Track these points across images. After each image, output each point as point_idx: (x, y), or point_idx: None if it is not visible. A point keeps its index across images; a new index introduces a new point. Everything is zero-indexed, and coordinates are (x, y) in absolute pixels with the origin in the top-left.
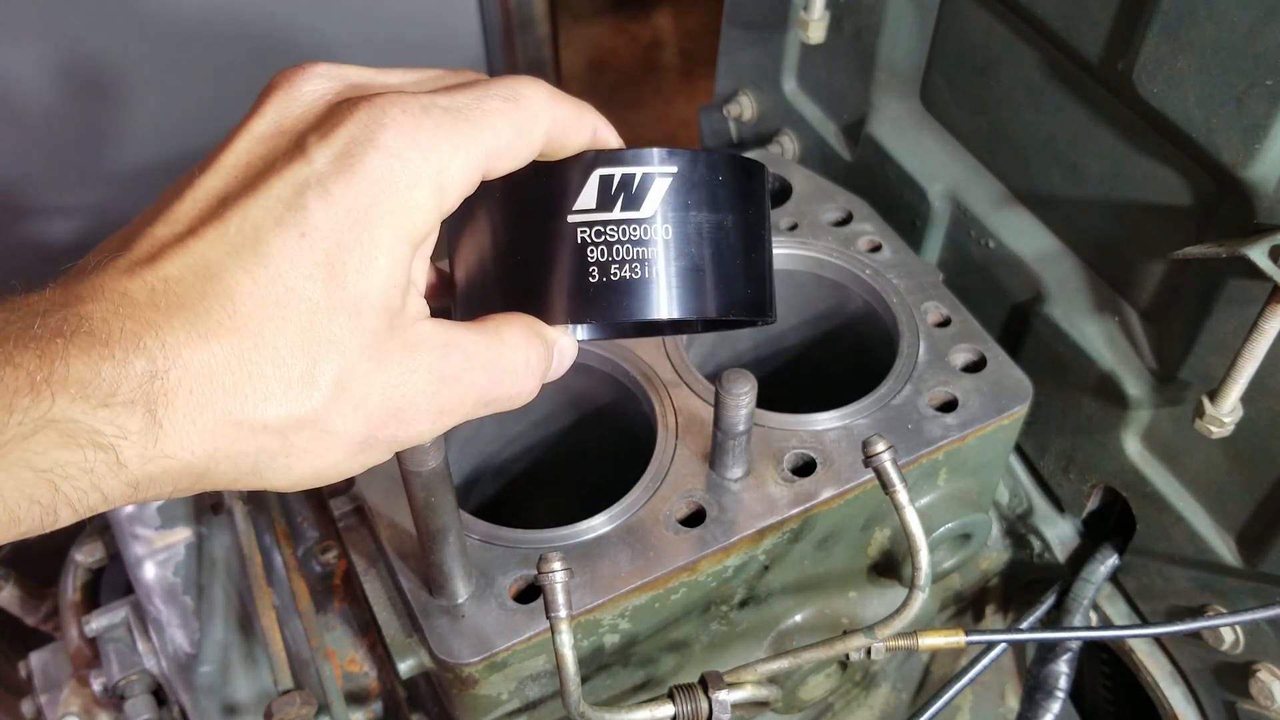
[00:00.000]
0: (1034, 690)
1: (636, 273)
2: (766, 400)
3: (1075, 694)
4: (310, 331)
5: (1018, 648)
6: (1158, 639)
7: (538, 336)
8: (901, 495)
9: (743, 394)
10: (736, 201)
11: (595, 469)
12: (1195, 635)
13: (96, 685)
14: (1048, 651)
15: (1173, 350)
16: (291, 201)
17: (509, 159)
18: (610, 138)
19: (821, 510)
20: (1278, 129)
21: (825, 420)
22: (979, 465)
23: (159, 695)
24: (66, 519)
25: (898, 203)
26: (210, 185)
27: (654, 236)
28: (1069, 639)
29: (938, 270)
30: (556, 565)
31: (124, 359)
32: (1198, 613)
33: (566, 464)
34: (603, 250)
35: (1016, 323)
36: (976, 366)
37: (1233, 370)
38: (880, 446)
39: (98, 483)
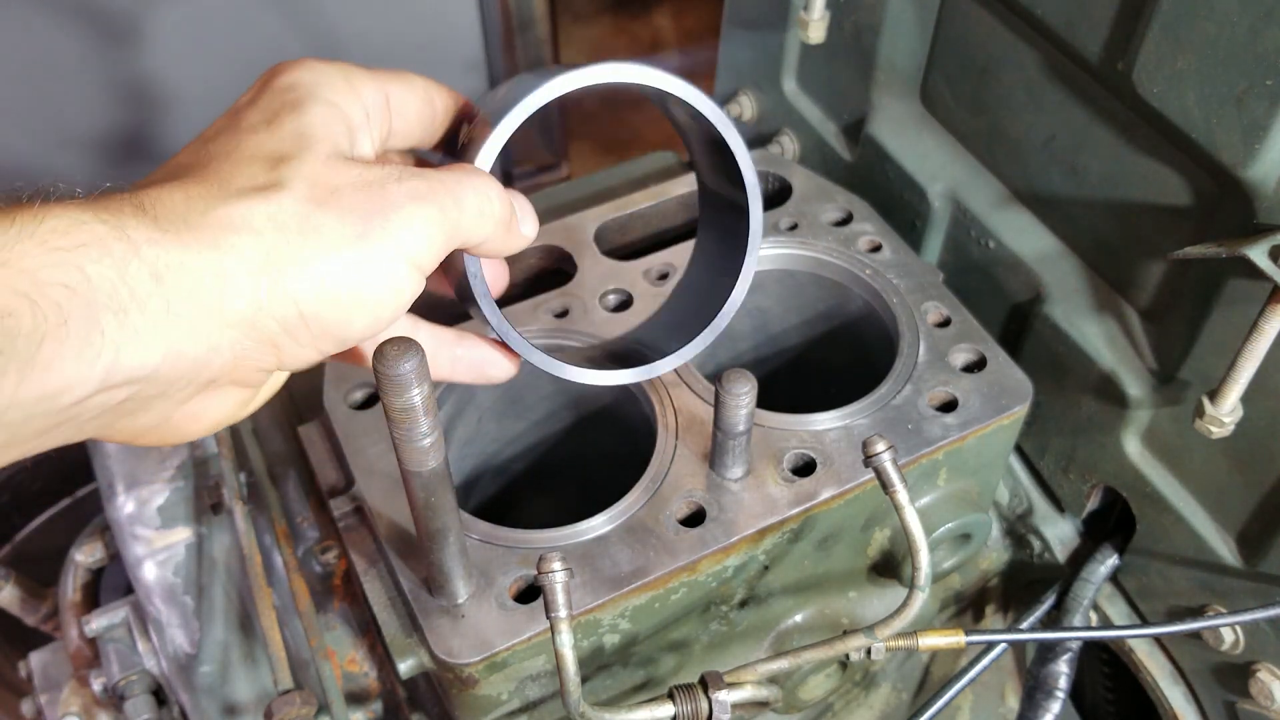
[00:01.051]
0: (1034, 690)
1: None
2: (766, 400)
3: (1075, 694)
4: (263, 157)
5: (1018, 648)
6: (1158, 639)
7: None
8: (901, 495)
9: (743, 394)
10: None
11: (595, 469)
12: (1195, 635)
13: (96, 685)
14: (1048, 651)
15: (1173, 350)
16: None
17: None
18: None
19: (821, 510)
20: (1278, 129)
21: (825, 420)
22: (979, 465)
23: (159, 695)
24: (111, 326)
25: (898, 203)
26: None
27: None
28: (1069, 639)
29: (938, 270)
30: (556, 565)
31: (124, 200)
32: (1198, 613)
33: (566, 464)
34: None
35: (1016, 323)
36: (976, 366)
37: (1233, 370)
38: (880, 446)
39: (119, 266)
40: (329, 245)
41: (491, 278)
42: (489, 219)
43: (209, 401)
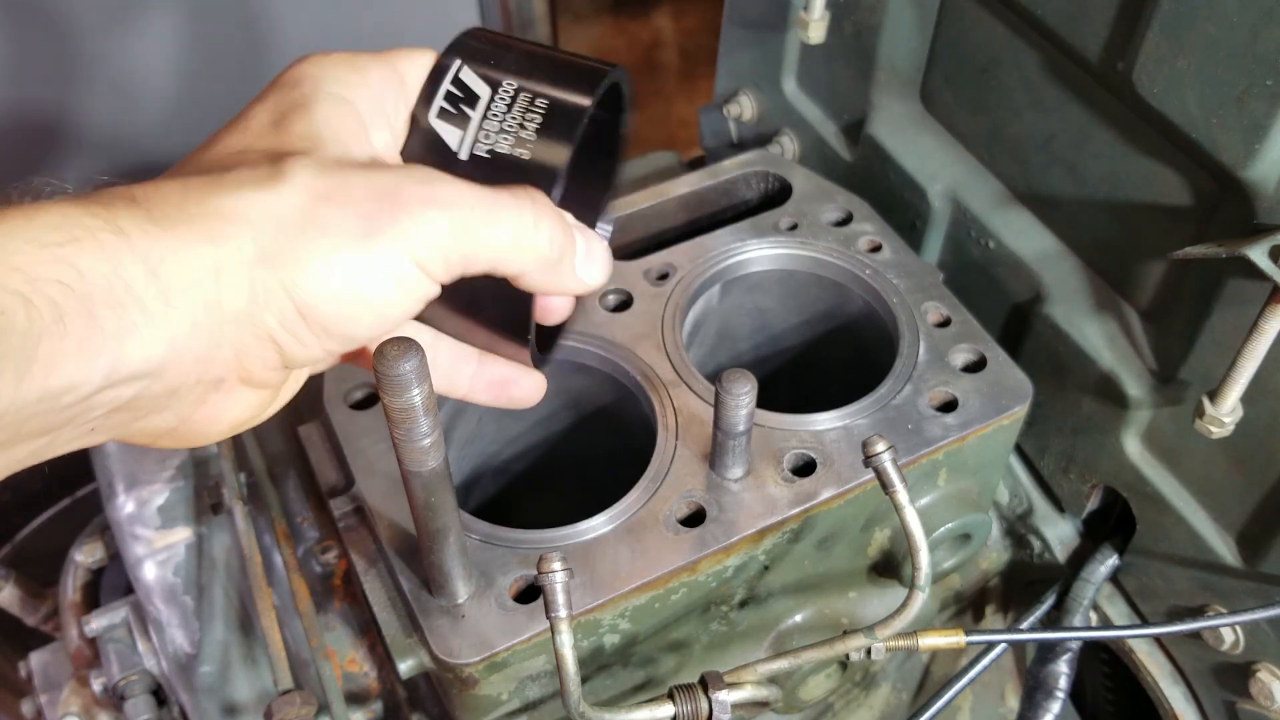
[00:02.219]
0: (1034, 690)
1: (538, 117)
2: (766, 400)
3: (1075, 694)
4: (269, 153)
5: (1018, 648)
6: (1158, 639)
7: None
8: (901, 495)
9: (743, 394)
10: (503, 46)
11: (595, 469)
12: (1195, 635)
13: (96, 685)
14: (1048, 651)
15: (1173, 350)
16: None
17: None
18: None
19: (821, 510)
20: (1278, 129)
21: (825, 420)
22: (979, 465)
23: (159, 695)
24: (109, 318)
25: (898, 203)
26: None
27: (507, 94)
28: (1069, 639)
29: (938, 270)
30: (556, 565)
31: (117, 194)
32: (1198, 613)
33: (566, 464)
34: (504, 137)
35: (1016, 323)
36: (976, 366)
37: (1233, 370)
38: (880, 446)
39: (112, 258)
40: (330, 242)
41: (542, 305)
42: (528, 251)
43: (226, 402)
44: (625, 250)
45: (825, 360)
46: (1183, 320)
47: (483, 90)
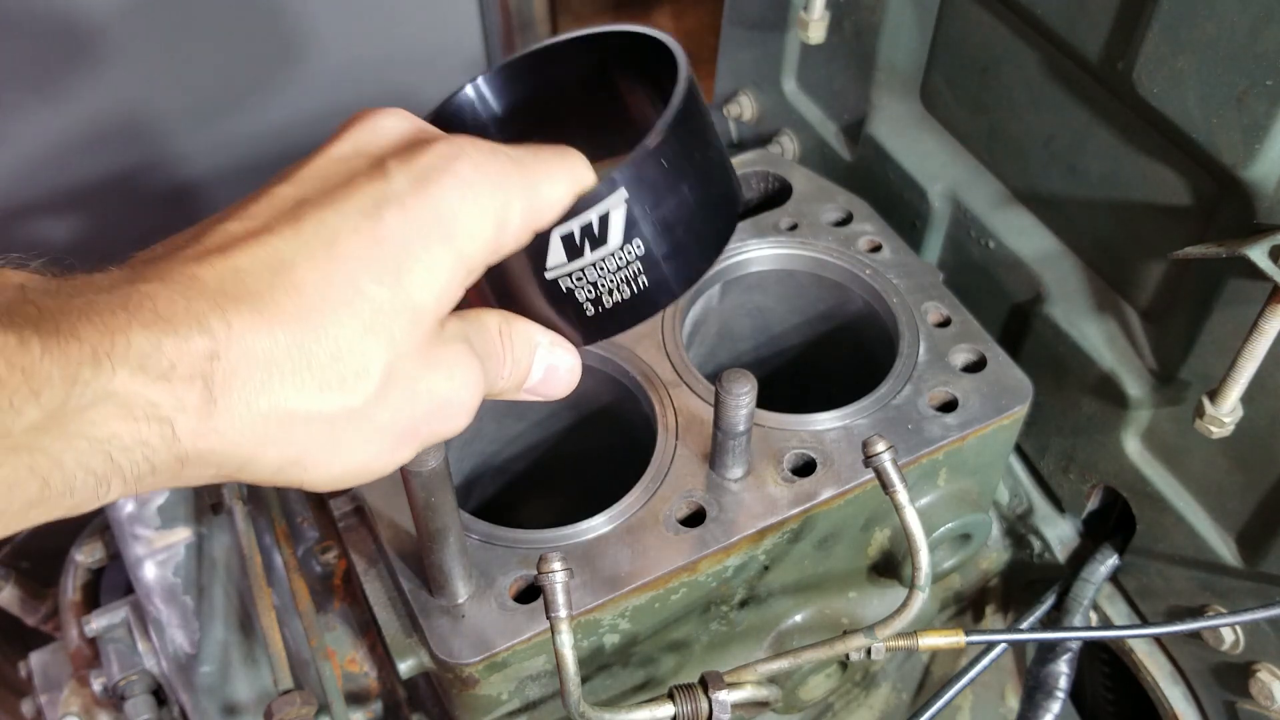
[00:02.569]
0: (1034, 690)
1: (627, 291)
2: (766, 400)
3: (1075, 694)
4: (372, 329)
5: (1018, 648)
6: (1158, 639)
7: (506, 322)
8: (901, 495)
9: (743, 394)
10: (685, 160)
11: (595, 469)
12: (1195, 635)
13: (96, 685)
14: (1048, 651)
15: (1173, 350)
16: (369, 212)
17: (555, 209)
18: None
19: (821, 510)
20: (1278, 129)
21: (825, 420)
22: (979, 465)
23: (159, 695)
24: (117, 492)
25: (898, 203)
26: (288, 193)
27: (631, 254)
28: (1069, 639)
29: (938, 270)
30: (556, 565)
31: (186, 335)
32: (1198, 613)
33: (566, 464)
34: (589, 289)
35: (1016, 323)
36: (976, 366)
37: (1233, 370)
38: (880, 446)
39: (150, 455)
40: (376, 438)
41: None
42: (508, 381)
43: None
44: None
45: (825, 360)
46: (1183, 320)
47: (614, 240)
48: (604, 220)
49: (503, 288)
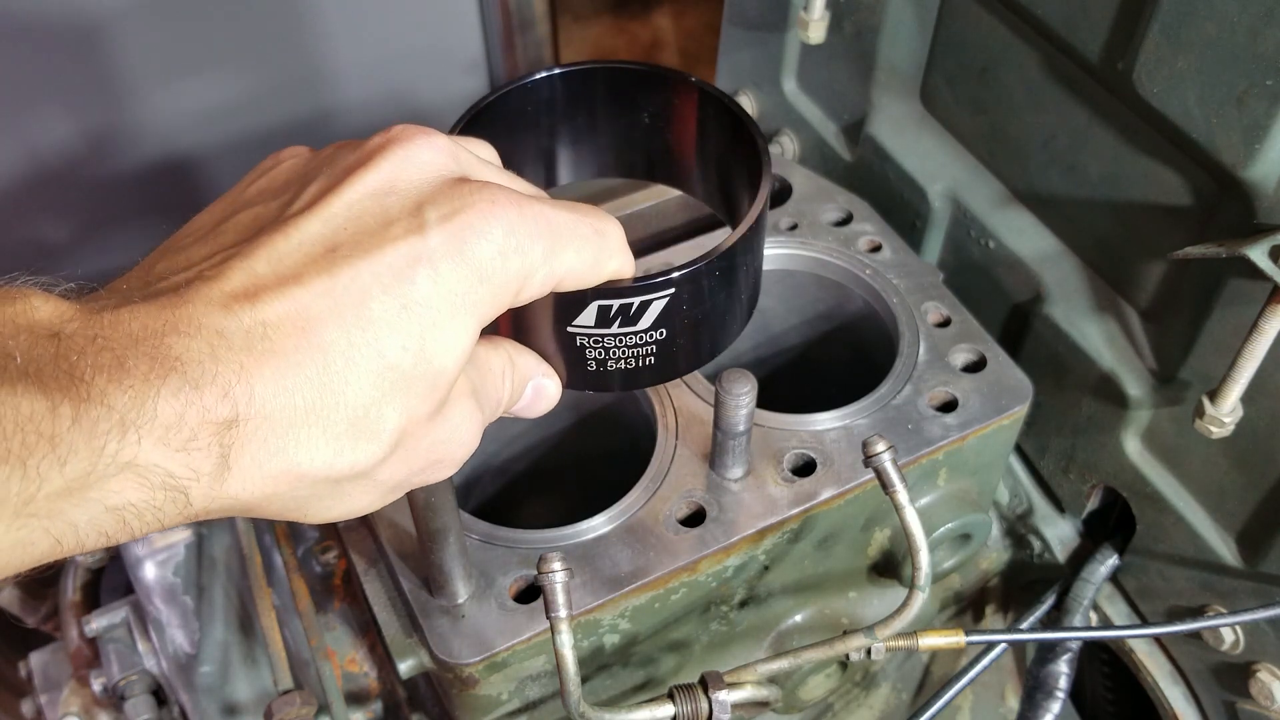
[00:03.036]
0: (1034, 690)
1: (633, 364)
2: (766, 400)
3: (1075, 694)
4: (391, 396)
5: (1018, 648)
6: (1158, 639)
7: (516, 367)
8: (901, 495)
9: (743, 394)
10: (735, 271)
11: (595, 469)
12: (1195, 635)
13: (96, 685)
14: (1048, 651)
15: (1173, 350)
16: (402, 273)
17: (575, 283)
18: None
19: (821, 510)
20: (1278, 129)
21: (825, 420)
22: (979, 465)
23: (159, 695)
24: (121, 539)
25: (898, 203)
26: (317, 231)
27: (652, 337)
28: (1069, 639)
29: (938, 270)
30: (556, 565)
31: (210, 405)
32: (1198, 613)
33: (566, 464)
34: (600, 351)
35: (1016, 323)
36: (976, 366)
37: (1233, 370)
38: (880, 446)
39: (160, 516)
40: (376, 489)
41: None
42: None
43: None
44: None
45: (825, 360)
46: (1183, 320)
47: (644, 324)
48: (644, 305)
49: (519, 318)
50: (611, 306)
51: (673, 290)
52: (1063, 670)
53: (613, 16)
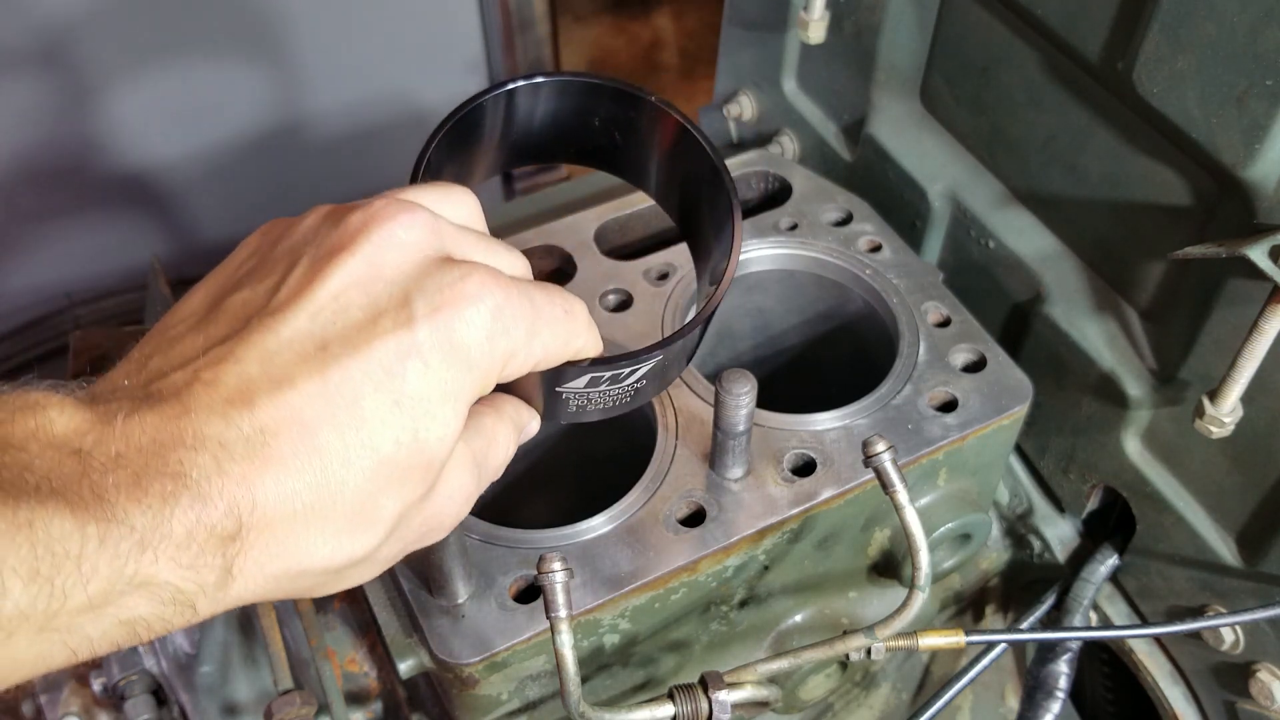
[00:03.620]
0: (1034, 690)
1: (610, 406)
2: (766, 400)
3: (1075, 694)
4: (387, 488)
5: (1018, 648)
6: (1158, 639)
7: (511, 424)
8: (901, 495)
9: (743, 394)
10: (705, 328)
11: (595, 469)
12: (1195, 635)
13: (96, 685)
14: (1048, 651)
15: (1173, 350)
16: (393, 369)
17: (549, 361)
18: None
19: (821, 510)
20: (1278, 129)
21: (825, 420)
22: (979, 465)
23: (159, 695)
24: (129, 645)
25: (898, 203)
26: (305, 328)
27: (630, 387)
28: (1069, 639)
29: (938, 270)
30: (556, 565)
31: (217, 521)
32: (1198, 613)
33: (566, 464)
34: (583, 400)
35: (1016, 323)
36: (976, 366)
37: (1233, 370)
38: (880, 446)
39: (167, 625)
40: (373, 568)
41: None
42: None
43: None
44: (625, 250)
45: (825, 360)
46: (1183, 320)
47: (628, 382)
48: (634, 370)
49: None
50: (604, 376)
51: (660, 355)
52: (1063, 670)
53: (613, 16)
